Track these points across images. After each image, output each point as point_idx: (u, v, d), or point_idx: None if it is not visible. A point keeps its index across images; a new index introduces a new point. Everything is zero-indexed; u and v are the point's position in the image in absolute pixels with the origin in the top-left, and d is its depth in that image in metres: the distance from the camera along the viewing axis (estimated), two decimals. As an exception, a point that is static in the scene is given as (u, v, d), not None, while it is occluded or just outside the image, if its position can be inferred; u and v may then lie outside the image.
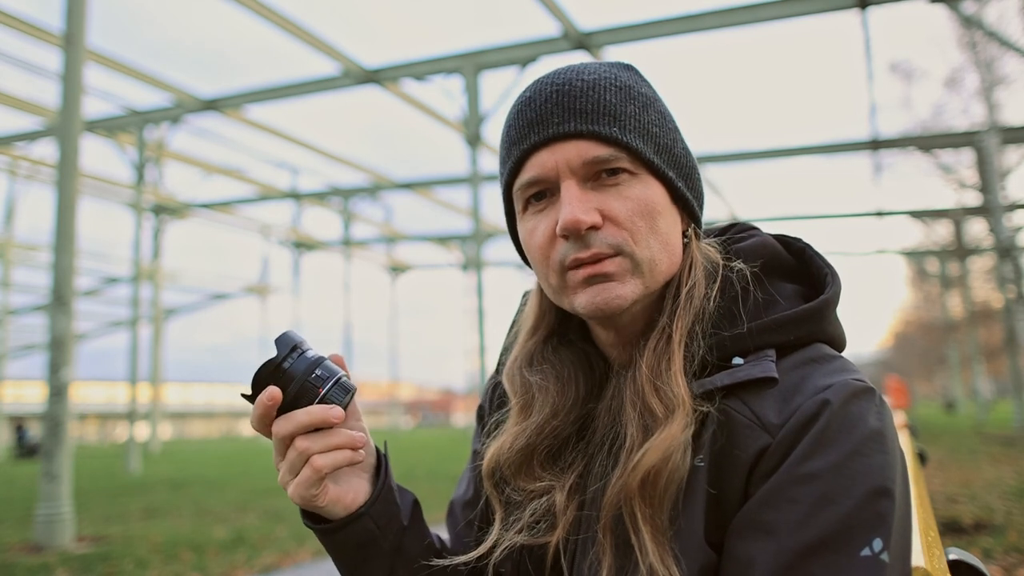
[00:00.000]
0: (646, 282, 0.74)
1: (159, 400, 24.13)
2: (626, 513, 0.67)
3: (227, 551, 6.23)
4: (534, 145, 0.74)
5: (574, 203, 0.72)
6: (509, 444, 0.80)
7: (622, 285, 0.73)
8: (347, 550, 0.80)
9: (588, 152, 0.72)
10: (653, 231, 0.74)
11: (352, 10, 61.05)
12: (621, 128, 0.73)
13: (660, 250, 0.75)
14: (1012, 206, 17.42)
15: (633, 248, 0.73)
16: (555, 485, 0.77)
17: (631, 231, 0.73)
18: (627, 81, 0.77)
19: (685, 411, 0.68)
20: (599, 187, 0.74)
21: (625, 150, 0.73)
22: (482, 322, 13.87)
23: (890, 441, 0.65)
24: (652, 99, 0.78)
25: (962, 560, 0.95)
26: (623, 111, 0.74)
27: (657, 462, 0.66)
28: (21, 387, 43.05)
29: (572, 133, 0.73)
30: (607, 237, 0.73)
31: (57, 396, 6.58)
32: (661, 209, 0.75)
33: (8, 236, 23.83)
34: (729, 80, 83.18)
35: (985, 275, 24.45)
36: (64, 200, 6.92)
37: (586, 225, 0.71)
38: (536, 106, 0.75)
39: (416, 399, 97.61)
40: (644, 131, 0.74)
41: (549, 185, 0.75)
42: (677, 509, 0.66)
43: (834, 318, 0.76)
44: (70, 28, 7.12)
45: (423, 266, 36.91)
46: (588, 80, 0.75)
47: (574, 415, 0.80)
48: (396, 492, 0.83)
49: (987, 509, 6.50)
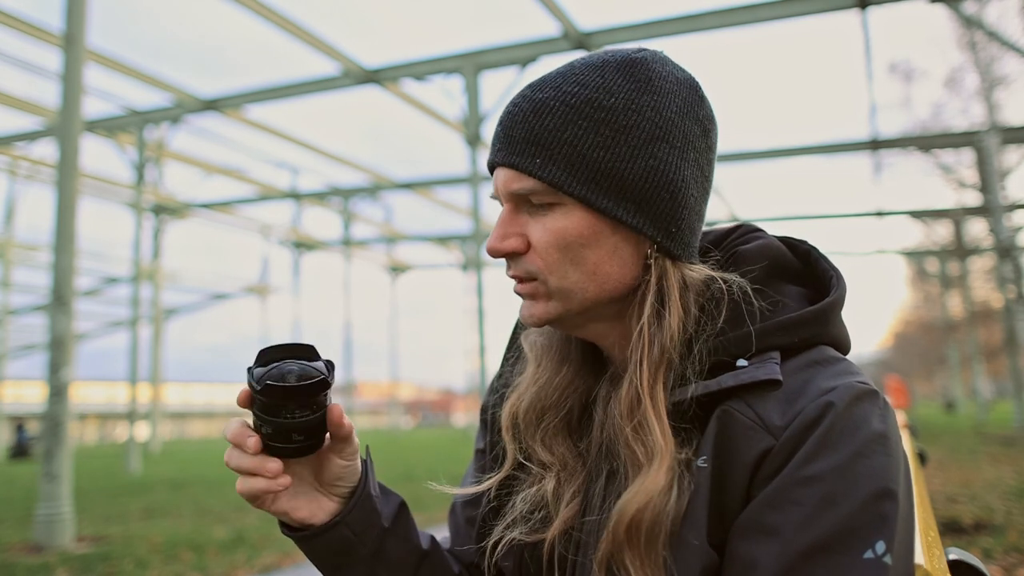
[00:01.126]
0: (567, 305, 0.76)
1: (159, 400, 24.13)
2: (616, 566, 0.68)
3: (227, 551, 6.23)
4: (489, 163, 0.79)
5: (496, 230, 0.77)
6: (525, 398, 0.83)
7: (539, 305, 0.77)
8: (324, 556, 0.82)
9: (511, 183, 0.75)
10: (573, 262, 0.74)
11: (352, 10, 61.05)
12: (545, 158, 0.72)
13: (582, 279, 0.74)
14: (1012, 206, 17.42)
15: (547, 277, 0.75)
16: (549, 471, 0.79)
17: (545, 261, 0.75)
18: (590, 94, 0.72)
19: (663, 459, 0.68)
20: (533, 212, 0.76)
21: (545, 182, 0.73)
22: (482, 322, 13.87)
23: (893, 443, 0.65)
24: (614, 112, 0.72)
25: (962, 560, 0.96)
26: (556, 138, 0.72)
27: (635, 514, 0.67)
28: (21, 387, 43.05)
29: (502, 163, 0.76)
30: (526, 264, 0.76)
31: (57, 396, 6.58)
32: (586, 240, 0.73)
33: (8, 236, 23.83)
34: (729, 80, 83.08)
35: (985, 275, 24.47)
36: (64, 200, 6.92)
37: (500, 253, 0.76)
38: (499, 124, 0.78)
39: (416, 399, 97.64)
40: (578, 158, 0.71)
41: (501, 201, 0.79)
42: (670, 546, 0.67)
43: (839, 321, 0.76)
44: (70, 28, 7.12)
45: (423, 266, 36.92)
46: (539, 100, 0.74)
47: (580, 380, 0.83)
48: (377, 498, 0.83)
49: (987, 509, 6.51)
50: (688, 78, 0.77)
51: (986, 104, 15.00)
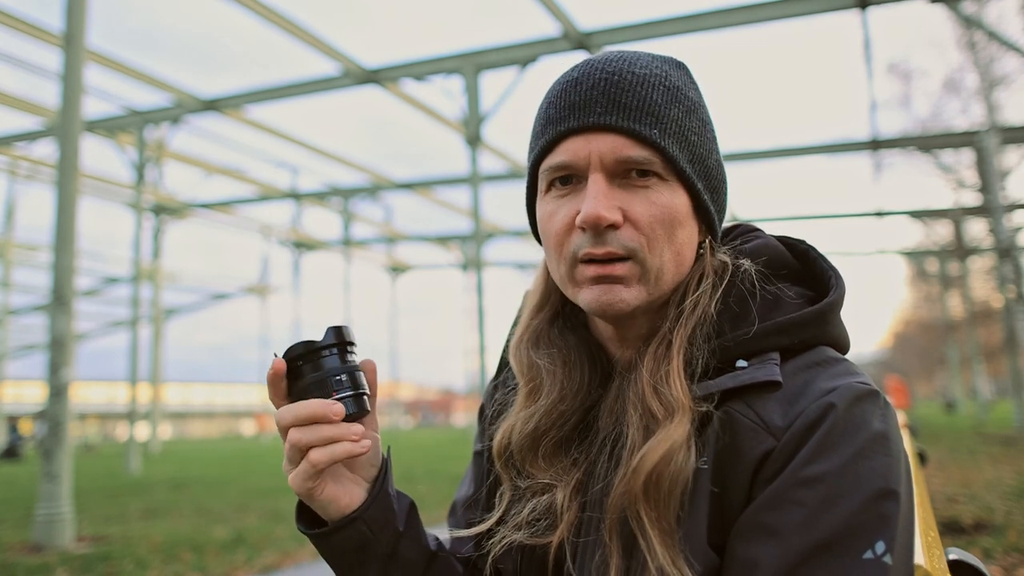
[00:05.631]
0: (650, 290, 0.74)
1: (159, 400, 24.13)
2: (631, 517, 0.67)
3: (227, 551, 6.23)
4: (571, 129, 0.73)
5: (599, 198, 0.71)
6: (519, 428, 0.80)
7: (627, 290, 0.73)
8: (341, 554, 0.80)
9: (624, 149, 0.71)
10: (669, 240, 0.73)
11: (352, 10, 61.02)
12: (661, 131, 0.72)
13: (670, 260, 0.74)
14: (1012, 206, 17.42)
15: (646, 254, 0.72)
16: (557, 484, 0.77)
17: (648, 237, 0.72)
18: (676, 82, 0.75)
19: (685, 413, 0.67)
20: (627, 186, 0.73)
21: (661, 154, 0.72)
22: (482, 322, 13.87)
23: (894, 444, 0.65)
24: (697, 104, 0.76)
25: (962, 560, 0.96)
26: (667, 113, 0.72)
27: (658, 463, 0.66)
28: (21, 387, 43.04)
29: (612, 126, 0.71)
30: (624, 239, 0.72)
31: (57, 396, 6.58)
32: (682, 219, 0.74)
33: (8, 236, 23.83)
34: (729, 80, 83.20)
35: (985, 275, 24.49)
36: (64, 200, 6.92)
37: (607, 222, 0.71)
38: (582, 90, 0.73)
39: (416, 399, 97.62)
40: (683, 138, 0.73)
41: (577, 172, 0.74)
42: (685, 509, 0.66)
43: (838, 321, 0.76)
44: (70, 28, 7.12)
45: (423, 266, 36.92)
46: (639, 74, 0.73)
47: (580, 400, 0.80)
48: (394, 498, 0.83)
49: (987, 509, 6.50)
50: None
51: (986, 104, 14.98)
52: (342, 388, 0.74)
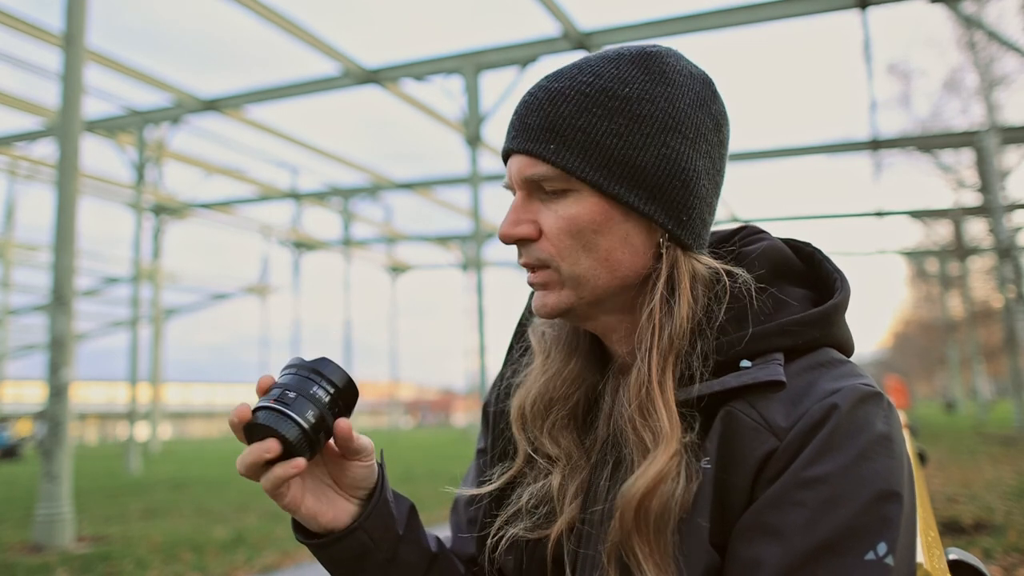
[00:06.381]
0: (579, 293, 0.76)
1: (159, 400, 24.13)
2: (626, 553, 0.68)
3: (227, 551, 6.23)
4: (506, 151, 0.79)
5: (509, 216, 0.77)
6: (534, 389, 0.83)
7: (552, 294, 0.77)
8: (341, 563, 0.81)
9: (526, 169, 0.75)
10: (586, 248, 0.74)
11: (352, 10, 61.00)
12: (559, 144, 0.73)
13: (595, 266, 0.74)
14: (1012, 206, 17.43)
15: (559, 264, 0.75)
16: (557, 464, 0.79)
17: (558, 248, 0.75)
18: (605, 84, 0.73)
19: (670, 444, 0.68)
20: (544, 200, 0.76)
21: (559, 167, 0.73)
22: (482, 322, 13.88)
23: (897, 445, 0.65)
24: (631, 100, 0.73)
25: (962, 560, 0.96)
26: (571, 125, 0.73)
27: (643, 498, 0.67)
28: (21, 387, 43.05)
29: (518, 149, 0.76)
30: (536, 251, 0.77)
31: (57, 396, 6.58)
32: (599, 226, 0.74)
33: (8, 236, 23.84)
34: (729, 80, 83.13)
35: (985, 275, 24.49)
36: (64, 200, 6.92)
37: (512, 239, 0.77)
38: (515, 114, 0.79)
39: (416, 399, 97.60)
40: (592, 145, 0.72)
41: (514, 189, 0.79)
42: (680, 535, 0.67)
43: (843, 323, 0.76)
44: (70, 28, 7.12)
45: (423, 266, 36.94)
46: (555, 89, 0.75)
47: (587, 370, 0.83)
48: (392, 503, 0.83)
49: (987, 509, 6.51)
50: (702, 74, 0.79)
51: (986, 104, 14.98)
52: (285, 401, 0.73)
